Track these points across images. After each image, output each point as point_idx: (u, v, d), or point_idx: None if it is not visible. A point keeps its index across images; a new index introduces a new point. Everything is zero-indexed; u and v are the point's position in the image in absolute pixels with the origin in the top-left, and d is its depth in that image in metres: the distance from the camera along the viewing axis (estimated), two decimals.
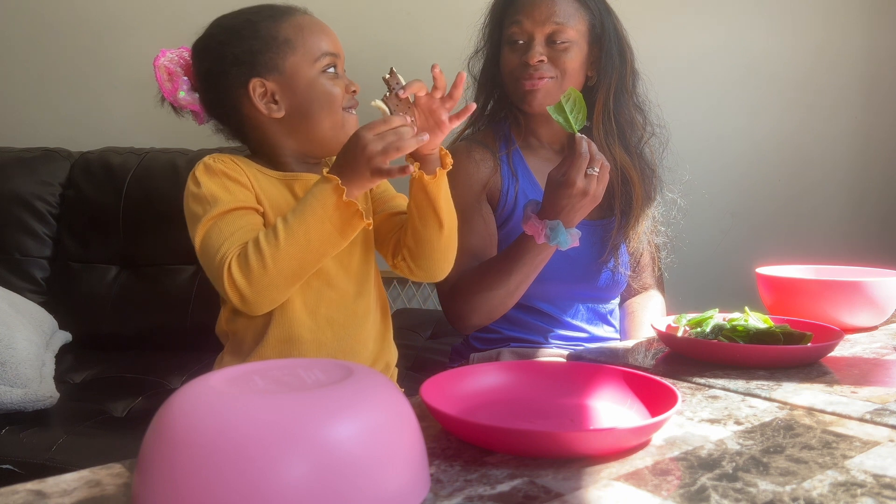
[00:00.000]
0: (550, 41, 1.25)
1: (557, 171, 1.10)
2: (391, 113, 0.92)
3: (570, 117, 1.08)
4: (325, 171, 0.92)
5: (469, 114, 0.95)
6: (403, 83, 0.93)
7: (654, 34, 2.05)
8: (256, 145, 1.07)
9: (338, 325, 1.04)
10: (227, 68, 1.02)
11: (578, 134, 1.09)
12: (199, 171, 1.00)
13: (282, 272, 0.91)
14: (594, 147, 1.09)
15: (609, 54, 1.29)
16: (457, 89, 0.94)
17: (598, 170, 1.07)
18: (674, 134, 1.39)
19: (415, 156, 0.98)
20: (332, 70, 1.03)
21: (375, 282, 1.10)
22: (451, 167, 0.99)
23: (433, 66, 0.93)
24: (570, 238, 1.10)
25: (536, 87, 1.25)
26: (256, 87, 1.01)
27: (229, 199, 0.97)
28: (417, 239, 1.03)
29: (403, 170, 0.89)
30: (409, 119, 0.91)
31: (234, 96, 1.03)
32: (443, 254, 1.04)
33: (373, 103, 0.91)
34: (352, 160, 0.91)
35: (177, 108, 1.08)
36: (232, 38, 1.02)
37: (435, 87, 0.94)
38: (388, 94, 0.93)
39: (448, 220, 1.01)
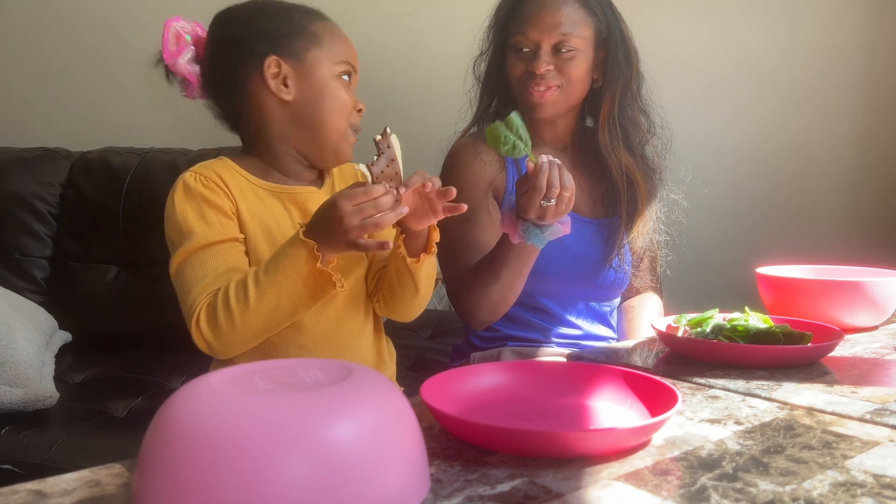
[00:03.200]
0: (556, 50, 1.25)
1: (520, 184, 1.07)
2: (373, 180, 0.87)
3: (520, 141, 1.01)
4: (301, 231, 0.88)
5: (461, 211, 0.91)
6: (395, 146, 0.89)
7: (652, 33, 2.04)
8: (253, 133, 1.05)
9: (335, 342, 1.03)
10: (251, 36, 1.01)
11: (540, 159, 1.03)
12: (178, 191, 0.98)
13: (249, 330, 0.91)
14: (554, 175, 1.03)
15: (615, 58, 1.29)
16: (451, 192, 0.90)
17: (554, 201, 1.03)
18: (674, 134, 1.39)
19: (402, 227, 0.95)
20: (346, 78, 1.03)
21: (367, 293, 1.09)
22: (435, 253, 0.97)
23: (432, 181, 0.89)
24: (549, 234, 1.08)
25: (544, 100, 1.26)
26: (272, 64, 1.00)
27: (204, 232, 0.95)
28: (393, 295, 1.04)
29: (382, 245, 0.86)
30: (392, 190, 0.86)
31: (244, 68, 1.01)
32: (416, 309, 1.05)
33: (356, 167, 0.87)
34: (328, 228, 0.86)
35: (170, 74, 1.05)
36: (264, 14, 1.03)
37: (431, 182, 0.89)
38: (375, 158, 0.87)
39: (425, 288, 1.01)
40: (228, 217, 0.98)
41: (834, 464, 0.57)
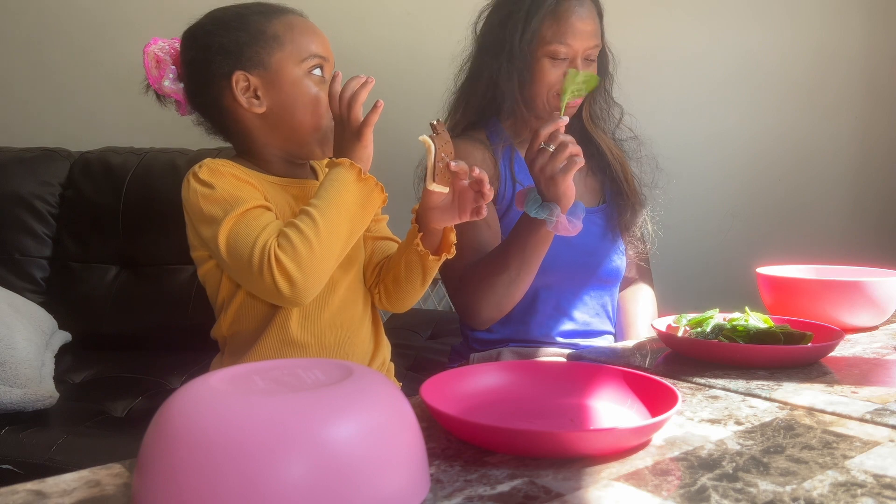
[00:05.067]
0: (588, 59, 1.29)
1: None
2: (436, 151, 0.94)
3: (568, 95, 1.17)
4: (331, 160, 0.95)
5: (482, 216, 0.99)
6: (449, 137, 0.96)
7: (653, 35, 2.05)
8: (240, 142, 1.07)
9: (339, 328, 1.04)
10: (211, 57, 1.01)
11: (559, 115, 1.14)
12: (203, 173, 0.97)
13: (326, 251, 0.92)
14: (558, 131, 1.10)
15: (604, 61, 1.36)
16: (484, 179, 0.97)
17: (552, 147, 1.09)
18: (674, 134, 1.40)
19: (421, 225, 1.01)
20: (318, 72, 1.02)
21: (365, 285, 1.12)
22: (454, 254, 1.04)
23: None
24: (549, 214, 1.10)
25: (577, 105, 1.29)
26: (239, 80, 1.00)
27: (249, 197, 0.96)
28: (398, 286, 1.07)
29: (376, 107, 0.94)
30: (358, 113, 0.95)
31: (216, 87, 1.02)
32: (414, 300, 1.09)
33: (420, 138, 0.94)
34: (342, 137, 0.95)
35: (161, 97, 1.07)
36: (220, 28, 1.02)
37: (481, 181, 0.97)
38: (434, 135, 0.95)
39: (430, 281, 1.06)
40: (259, 191, 0.99)
41: (834, 464, 0.57)
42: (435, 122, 0.96)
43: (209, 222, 0.95)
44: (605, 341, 1.36)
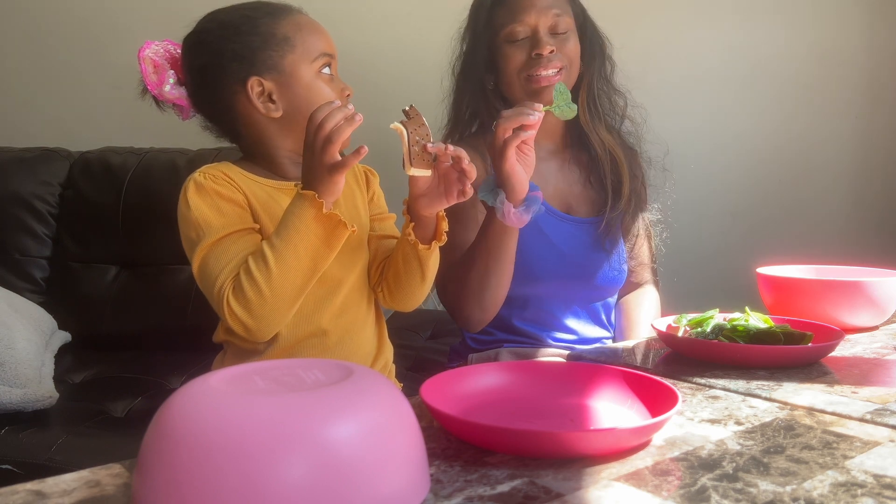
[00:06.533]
0: (553, 32, 1.26)
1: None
2: (409, 137, 0.91)
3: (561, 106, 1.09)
4: (298, 187, 0.91)
5: (468, 196, 0.96)
6: (425, 121, 0.94)
7: (654, 34, 2.05)
8: (250, 144, 1.06)
9: (341, 329, 1.04)
10: (224, 64, 1.00)
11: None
12: (189, 190, 0.98)
13: (279, 296, 0.91)
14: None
15: (591, 42, 1.33)
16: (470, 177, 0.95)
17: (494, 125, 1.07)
18: (675, 134, 1.39)
19: (412, 214, 0.99)
20: (327, 71, 1.03)
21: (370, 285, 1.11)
22: (445, 241, 1.00)
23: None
24: (496, 199, 1.08)
25: (552, 83, 1.25)
26: (254, 85, 1.00)
27: (222, 223, 0.95)
28: (398, 282, 1.05)
29: (358, 152, 0.86)
30: (350, 108, 0.88)
31: (229, 93, 1.01)
32: (419, 297, 1.07)
33: (391, 126, 0.91)
34: (311, 165, 0.89)
35: (160, 102, 1.06)
36: (230, 33, 1.01)
37: (460, 158, 0.93)
38: (406, 119, 0.92)
39: (430, 276, 1.03)
40: (243, 208, 0.99)
41: (834, 464, 0.57)
42: (407, 108, 0.93)
43: (187, 244, 0.98)
44: None
